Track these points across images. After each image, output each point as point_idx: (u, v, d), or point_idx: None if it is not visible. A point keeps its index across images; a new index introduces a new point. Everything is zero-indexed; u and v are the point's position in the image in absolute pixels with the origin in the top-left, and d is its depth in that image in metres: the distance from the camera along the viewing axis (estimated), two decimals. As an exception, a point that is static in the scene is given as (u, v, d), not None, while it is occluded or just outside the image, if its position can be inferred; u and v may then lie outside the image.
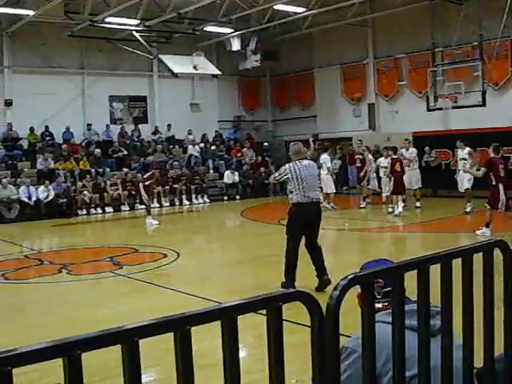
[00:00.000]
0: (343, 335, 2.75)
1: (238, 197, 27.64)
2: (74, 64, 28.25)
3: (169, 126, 30.08)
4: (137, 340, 1.81)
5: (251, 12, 25.87)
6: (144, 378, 1.91)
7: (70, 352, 1.69)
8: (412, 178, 21.10)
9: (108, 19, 24.47)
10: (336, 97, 31.03)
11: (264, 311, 2.13)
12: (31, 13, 22.73)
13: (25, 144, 26.63)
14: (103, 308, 9.22)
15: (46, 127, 26.90)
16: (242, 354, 6.58)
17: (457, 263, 2.72)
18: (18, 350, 1.62)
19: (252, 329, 3.77)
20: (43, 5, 21.94)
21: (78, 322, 8.21)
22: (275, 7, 25.34)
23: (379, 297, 3.26)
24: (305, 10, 25.92)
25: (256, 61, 29.55)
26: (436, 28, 25.35)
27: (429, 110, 24.42)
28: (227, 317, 2.01)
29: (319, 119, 32.01)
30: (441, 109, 24.00)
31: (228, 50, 29.54)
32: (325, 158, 21.56)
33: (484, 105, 22.51)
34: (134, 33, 26.08)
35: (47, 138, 26.90)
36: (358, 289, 2.83)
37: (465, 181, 19.06)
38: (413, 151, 21.65)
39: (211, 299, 8.96)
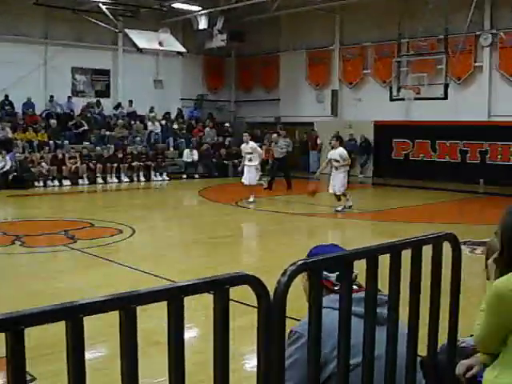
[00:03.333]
0: (293, 319, 2.78)
1: (196, 176, 27.57)
2: (38, 33, 27.77)
3: (130, 101, 29.83)
4: (81, 317, 1.80)
5: (220, -9, 25.77)
6: (91, 354, 1.91)
7: (13, 327, 1.68)
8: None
9: (75, -11, 24.17)
10: (300, 81, 31.07)
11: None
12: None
13: (-17, 112, 26.23)
14: (55, 281, 9.14)
15: (6, 96, 26.49)
16: (193, 333, 6.64)
17: (406, 253, 2.75)
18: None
19: (205, 308, 3.77)
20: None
21: (29, 294, 8.15)
22: (244, -12, 25.29)
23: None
24: (274, -8, 25.87)
25: (222, 40, 29.42)
26: (403, 19, 25.42)
27: (391, 99, 24.57)
28: (174, 297, 2.01)
29: (282, 103, 32.02)
30: (403, 99, 24.18)
31: (194, 29, 29.35)
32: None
33: (446, 98, 22.70)
34: (101, 5, 25.80)
35: (6, 108, 26.51)
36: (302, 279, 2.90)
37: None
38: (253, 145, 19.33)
39: (164, 277, 8.95)
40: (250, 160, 18.85)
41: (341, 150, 16.93)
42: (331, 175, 17.14)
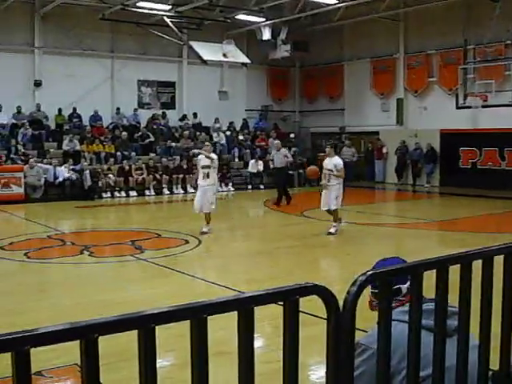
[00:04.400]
0: (359, 330, 2.76)
1: (262, 186, 27.61)
2: (104, 47, 28.34)
3: (195, 114, 30.13)
4: (153, 326, 1.83)
5: (283, 2, 25.82)
6: (159, 363, 1.93)
7: (87, 335, 1.71)
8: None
9: (139, 4, 24.57)
10: (365, 90, 30.89)
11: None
12: (64, -6, 22.83)
13: (52, 125, 26.82)
14: (123, 291, 9.28)
15: (74, 109, 27.04)
16: (261, 343, 6.62)
17: (476, 263, 2.71)
18: (36, 331, 1.65)
19: (272, 319, 3.78)
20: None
21: (98, 303, 8.28)
22: (307, -2, 25.31)
23: None
24: (337, 1, 25.76)
25: (286, 51, 29.45)
26: (469, 25, 25.13)
27: (458, 107, 24.21)
28: (244, 307, 2.02)
29: (347, 112, 31.87)
30: (470, 107, 23.79)
31: (258, 39, 29.44)
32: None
33: (515, 105, 22.28)
34: (165, 18, 26.09)
35: (75, 120, 27.05)
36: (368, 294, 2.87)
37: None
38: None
39: (230, 287, 8.99)
40: (207, 177, 15.25)
41: (336, 160, 14.83)
42: (323, 190, 14.92)
